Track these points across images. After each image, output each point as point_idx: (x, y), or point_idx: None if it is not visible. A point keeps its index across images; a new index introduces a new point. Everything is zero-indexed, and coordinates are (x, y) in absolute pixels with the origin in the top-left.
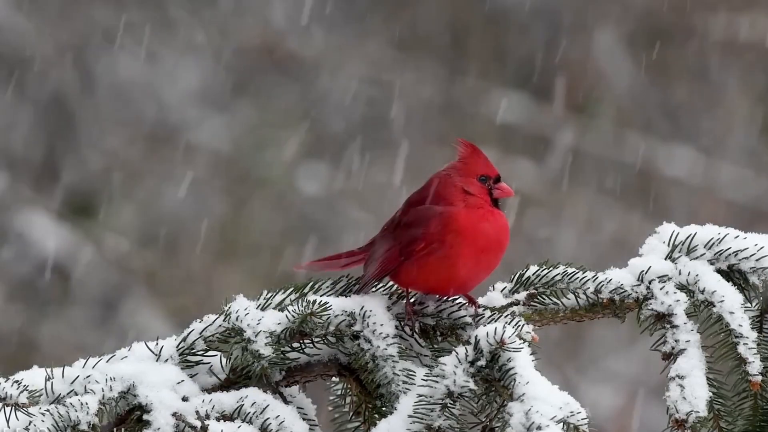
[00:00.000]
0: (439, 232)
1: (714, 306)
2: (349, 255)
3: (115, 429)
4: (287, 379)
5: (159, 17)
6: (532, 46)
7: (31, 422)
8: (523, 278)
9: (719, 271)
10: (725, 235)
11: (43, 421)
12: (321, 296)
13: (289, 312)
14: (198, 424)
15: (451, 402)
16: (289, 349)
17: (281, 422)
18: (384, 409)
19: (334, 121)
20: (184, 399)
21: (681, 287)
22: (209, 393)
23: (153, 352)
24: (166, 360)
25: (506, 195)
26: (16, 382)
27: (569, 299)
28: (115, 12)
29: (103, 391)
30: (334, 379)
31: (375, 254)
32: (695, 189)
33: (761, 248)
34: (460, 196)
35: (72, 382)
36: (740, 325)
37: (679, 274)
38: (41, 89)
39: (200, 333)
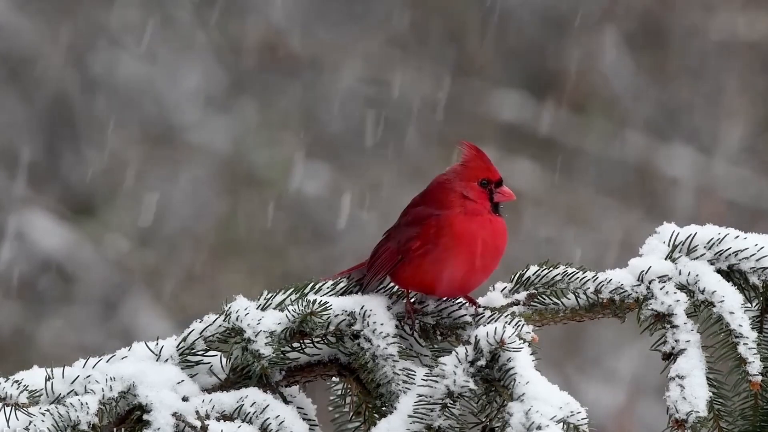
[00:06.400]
0: (434, 235)
1: (714, 306)
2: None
3: (115, 429)
4: (287, 379)
5: (159, 17)
6: (532, 46)
7: (31, 422)
8: (523, 278)
9: (719, 271)
10: (725, 235)
11: (43, 421)
12: (321, 296)
13: (289, 312)
14: (198, 424)
15: (451, 402)
16: (289, 349)
17: (281, 422)
18: (384, 408)
19: (334, 121)
20: (184, 399)
21: (681, 287)
22: (209, 393)
23: (153, 352)
24: (166, 360)
25: (507, 199)
26: (16, 382)
27: (569, 299)
28: (116, 12)
29: (103, 391)
30: (334, 379)
31: (375, 254)
32: (695, 189)
33: (761, 248)
34: (459, 201)
35: (72, 382)
36: (740, 325)
37: (679, 274)
38: (41, 89)
39: (200, 333)
